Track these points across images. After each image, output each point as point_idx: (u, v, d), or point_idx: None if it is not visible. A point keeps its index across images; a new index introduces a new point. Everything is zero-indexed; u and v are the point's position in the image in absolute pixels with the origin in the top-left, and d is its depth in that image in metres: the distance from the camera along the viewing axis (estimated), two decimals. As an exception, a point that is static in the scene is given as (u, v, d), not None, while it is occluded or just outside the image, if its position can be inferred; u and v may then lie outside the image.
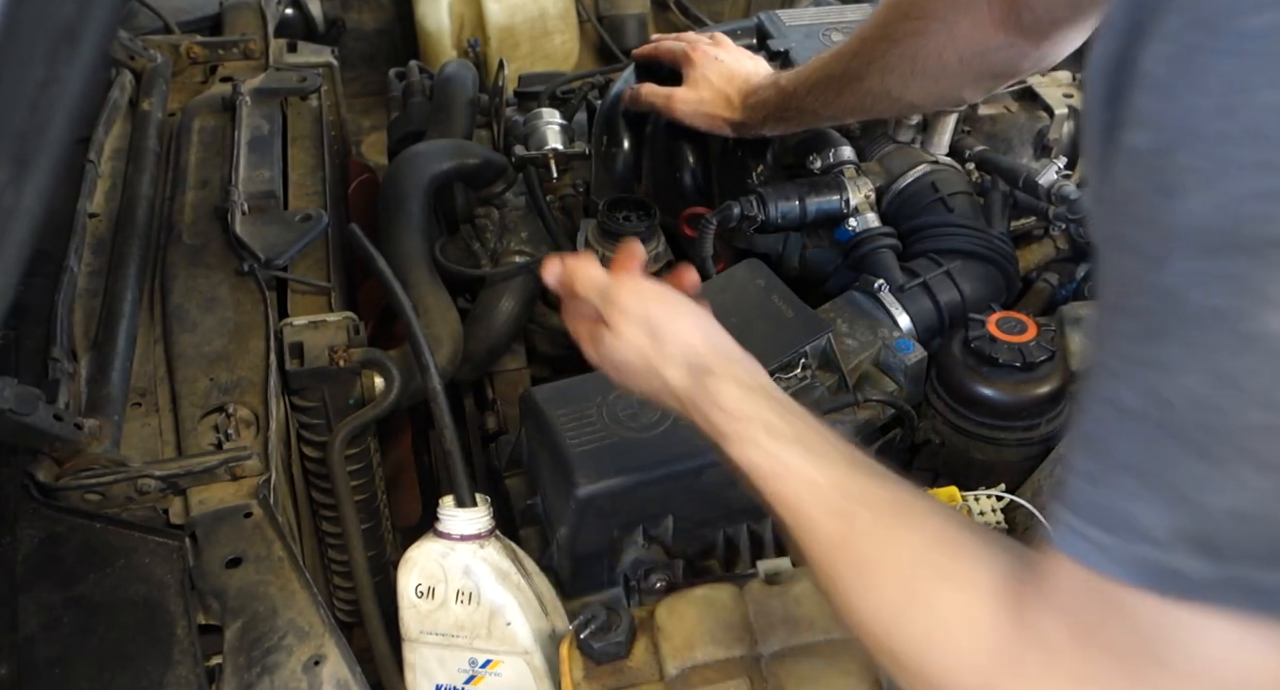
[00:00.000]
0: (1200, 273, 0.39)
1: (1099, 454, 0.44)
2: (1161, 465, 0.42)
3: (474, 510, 0.95)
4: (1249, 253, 0.38)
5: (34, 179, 0.50)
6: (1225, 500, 0.40)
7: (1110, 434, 0.44)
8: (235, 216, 1.22)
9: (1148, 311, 0.41)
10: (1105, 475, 0.44)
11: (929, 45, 1.08)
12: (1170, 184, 0.40)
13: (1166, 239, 0.40)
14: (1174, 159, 0.40)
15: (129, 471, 0.95)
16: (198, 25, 1.72)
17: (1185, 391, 0.40)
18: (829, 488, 0.65)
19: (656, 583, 0.97)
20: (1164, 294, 0.40)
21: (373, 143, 2.23)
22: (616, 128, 1.45)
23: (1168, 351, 0.40)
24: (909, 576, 0.59)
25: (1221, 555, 0.41)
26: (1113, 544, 0.44)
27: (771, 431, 0.70)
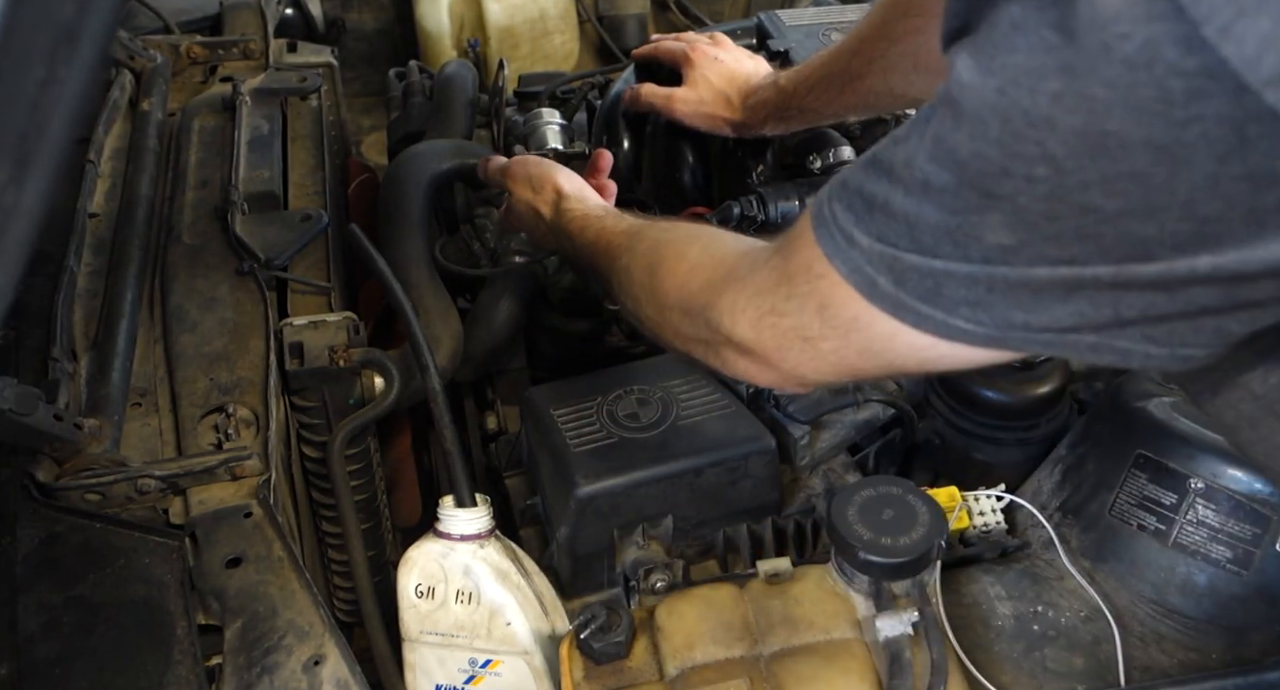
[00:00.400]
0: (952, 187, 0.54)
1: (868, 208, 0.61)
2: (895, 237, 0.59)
3: (474, 510, 0.95)
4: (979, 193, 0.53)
5: (34, 179, 0.50)
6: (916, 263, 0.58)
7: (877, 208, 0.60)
8: (235, 216, 1.22)
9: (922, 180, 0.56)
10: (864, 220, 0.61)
11: (930, 42, 1.08)
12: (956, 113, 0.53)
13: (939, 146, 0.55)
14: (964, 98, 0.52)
15: (129, 471, 0.95)
16: (198, 25, 1.72)
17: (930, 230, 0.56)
18: (628, 227, 0.97)
19: (656, 583, 0.98)
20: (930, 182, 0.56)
21: (373, 143, 2.23)
22: (616, 128, 1.45)
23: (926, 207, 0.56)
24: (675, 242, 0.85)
25: (899, 284, 0.59)
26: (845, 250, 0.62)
27: (600, 218, 1.04)
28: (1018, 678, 0.94)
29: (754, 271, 0.72)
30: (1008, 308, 0.56)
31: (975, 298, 0.57)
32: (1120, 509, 1.01)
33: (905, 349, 0.63)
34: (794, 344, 0.70)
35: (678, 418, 1.02)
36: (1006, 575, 1.02)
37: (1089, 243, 0.51)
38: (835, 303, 0.64)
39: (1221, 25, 0.42)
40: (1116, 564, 1.01)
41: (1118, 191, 0.48)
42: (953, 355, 0.62)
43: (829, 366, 0.70)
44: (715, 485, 1.01)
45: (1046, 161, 0.49)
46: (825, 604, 0.89)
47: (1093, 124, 0.47)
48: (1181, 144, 0.46)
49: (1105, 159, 0.48)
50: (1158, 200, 0.48)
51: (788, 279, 0.68)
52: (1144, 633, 0.98)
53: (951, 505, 1.05)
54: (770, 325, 0.71)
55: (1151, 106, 0.45)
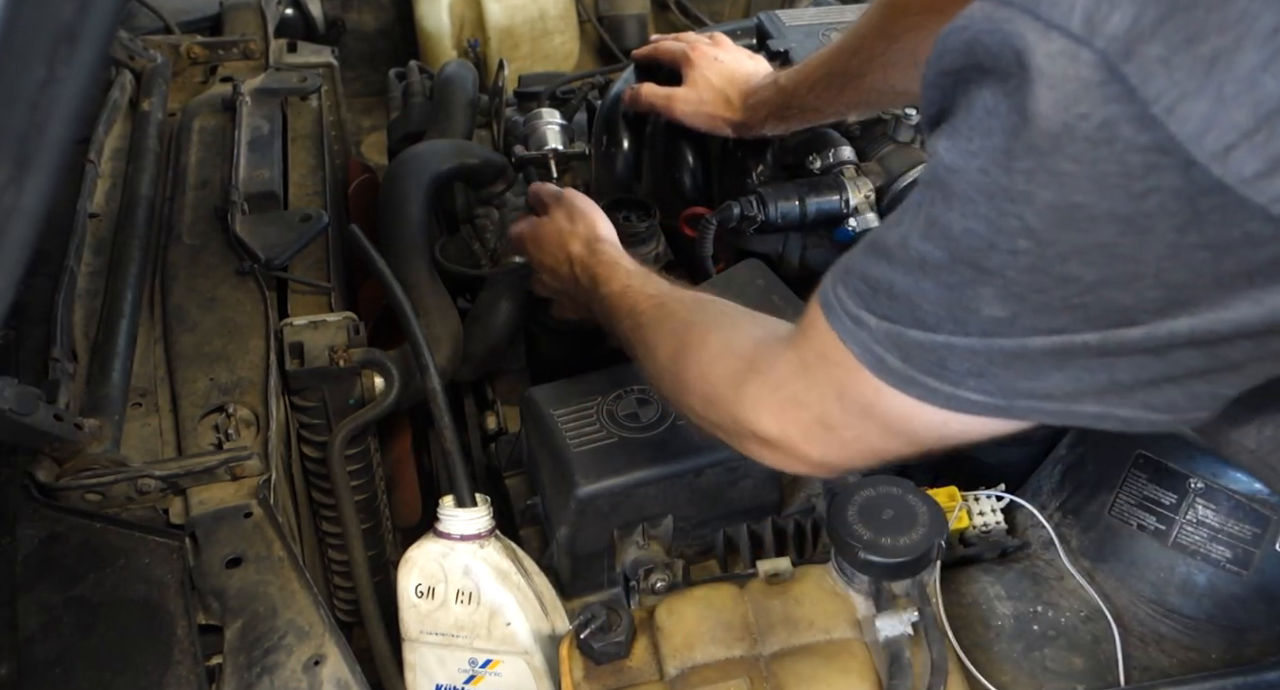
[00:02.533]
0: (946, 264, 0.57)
1: (872, 290, 0.63)
2: (899, 316, 0.61)
3: (474, 510, 0.95)
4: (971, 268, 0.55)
5: (34, 179, 0.50)
6: (920, 338, 0.60)
7: (880, 290, 0.62)
8: (235, 216, 1.22)
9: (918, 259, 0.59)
10: (868, 301, 0.63)
11: (929, 40, 1.07)
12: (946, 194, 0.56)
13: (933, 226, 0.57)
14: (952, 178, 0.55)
15: (129, 471, 0.95)
16: (198, 25, 1.72)
17: (929, 306, 0.59)
18: (655, 295, 0.96)
19: (656, 583, 0.98)
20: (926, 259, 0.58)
21: (373, 143, 2.23)
22: (616, 128, 1.45)
23: (926, 285, 0.59)
24: (697, 328, 0.85)
25: (908, 360, 0.61)
26: (854, 331, 0.64)
27: (629, 273, 1.03)
28: (1018, 678, 0.94)
29: (773, 364, 0.74)
30: (1010, 377, 0.58)
31: (978, 369, 0.59)
32: (1120, 509, 1.02)
33: (922, 425, 0.65)
34: (818, 433, 0.71)
35: (678, 418, 1.02)
36: (1006, 575, 1.02)
37: (1075, 312, 0.54)
38: (851, 386, 0.66)
39: (1168, 105, 0.46)
40: (1116, 564, 1.01)
41: (1092, 262, 0.51)
42: (968, 428, 0.64)
43: (855, 452, 0.72)
44: (715, 485, 1.01)
45: (1027, 235, 0.52)
46: (825, 604, 0.89)
47: (1063, 197, 0.50)
48: (1143, 214, 0.49)
49: (1077, 231, 0.51)
50: (1130, 269, 0.51)
51: (805, 369, 0.70)
52: (1144, 633, 0.98)
53: (951, 505, 1.05)
54: (793, 417, 0.72)
55: (1114, 180, 0.48)
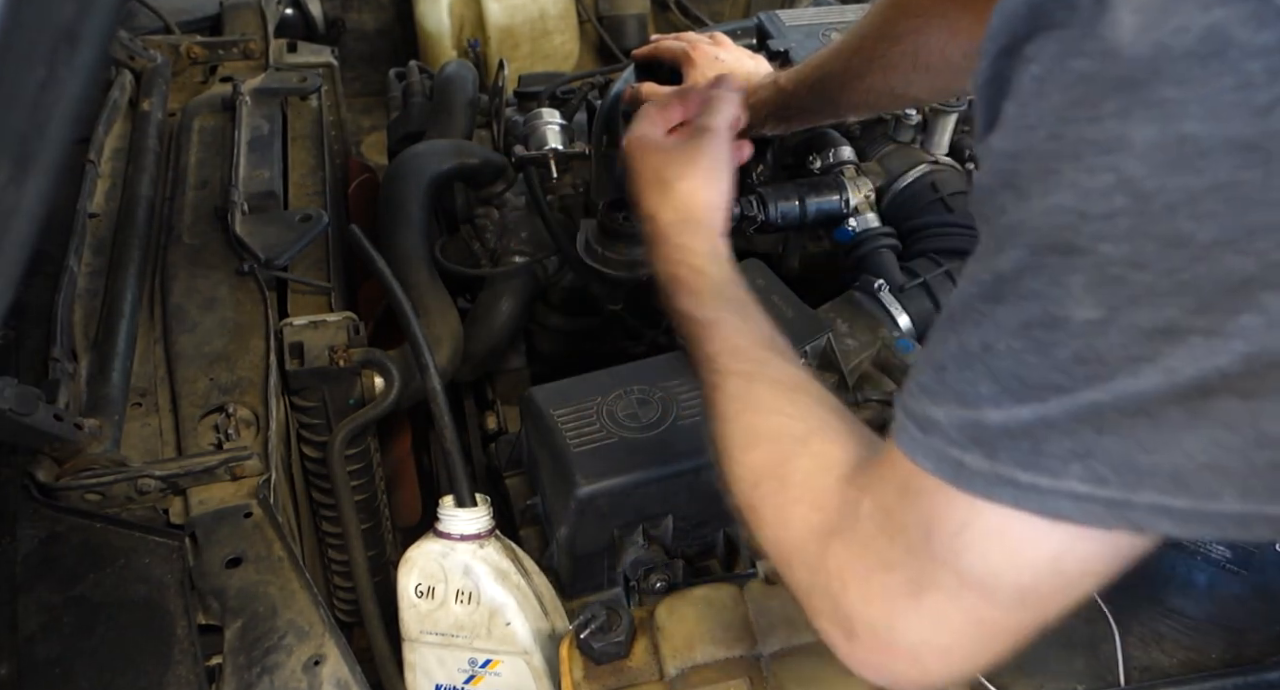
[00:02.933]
0: (1027, 263, 0.48)
1: (940, 378, 0.54)
2: (979, 399, 0.51)
3: (474, 510, 0.95)
4: (1059, 254, 0.47)
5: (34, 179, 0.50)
6: (1003, 419, 0.51)
7: (952, 365, 0.53)
8: (235, 216, 1.22)
9: (989, 282, 0.51)
10: (938, 394, 0.54)
11: (931, 42, 1.08)
12: (1015, 185, 0.49)
13: (1011, 228, 0.49)
14: (1018, 164, 0.48)
15: (129, 471, 0.95)
16: (198, 25, 1.72)
17: (1008, 346, 0.50)
18: (745, 354, 0.78)
19: (656, 583, 0.98)
20: (1002, 272, 0.50)
21: (373, 143, 2.24)
22: (616, 128, 1.45)
23: (1002, 315, 0.50)
24: (781, 446, 0.70)
25: (993, 456, 0.51)
26: (921, 438, 0.55)
27: (719, 294, 0.84)
28: (1017, 678, 0.94)
29: (856, 518, 0.61)
30: (1126, 448, 0.48)
31: (1085, 445, 0.48)
32: (1120, 509, 1.01)
33: (1033, 564, 0.52)
34: (908, 608, 0.57)
35: (678, 418, 1.02)
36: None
37: (1184, 294, 0.45)
38: (938, 518, 0.54)
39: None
40: (1116, 564, 1.01)
41: (1206, 212, 0.43)
42: (1089, 555, 0.52)
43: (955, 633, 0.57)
44: (715, 485, 1.01)
45: (1125, 189, 0.44)
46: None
47: (1168, 131, 0.43)
48: (1267, 135, 0.41)
49: (1187, 171, 0.43)
50: (1252, 219, 0.42)
51: (888, 516, 0.58)
52: (1144, 633, 0.98)
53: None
54: (881, 586, 0.58)
55: (1229, 97, 0.41)
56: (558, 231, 1.37)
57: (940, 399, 0.54)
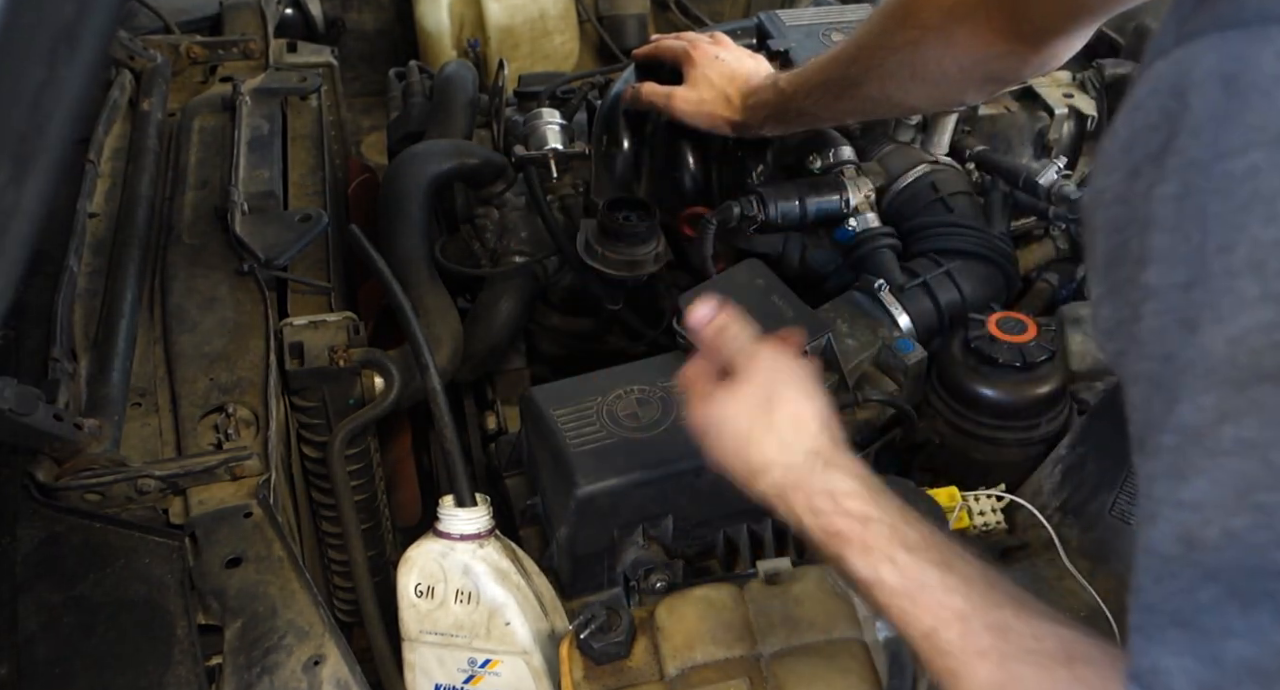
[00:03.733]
0: (1227, 406, 0.39)
1: (1142, 604, 0.44)
2: (1199, 612, 0.41)
3: (474, 510, 0.95)
4: (1274, 382, 0.38)
5: (34, 179, 0.50)
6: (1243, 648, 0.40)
7: (1149, 580, 0.43)
8: (235, 216, 1.22)
9: (1171, 449, 0.41)
10: (1148, 625, 0.44)
11: (927, 53, 1.08)
12: (1189, 319, 0.40)
13: (1187, 373, 0.40)
14: (1188, 295, 0.40)
15: (129, 471, 0.95)
16: (198, 25, 1.72)
17: (1225, 532, 0.39)
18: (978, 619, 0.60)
19: (656, 583, 0.97)
20: (1189, 430, 0.40)
21: (373, 143, 2.23)
22: (616, 128, 1.45)
23: (1198, 489, 0.40)
24: None
25: None
26: None
27: (905, 542, 0.65)
28: (1018, 678, 0.94)
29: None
30: None
31: None
32: (1120, 509, 1.02)
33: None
34: None
35: (678, 418, 1.02)
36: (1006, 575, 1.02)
37: None
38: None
39: None
40: (1117, 564, 1.01)
41: None
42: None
43: None
44: (715, 485, 1.01)
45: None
46: (825, 604, 0.89)
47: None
48: None
49: None
50: None
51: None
52: (1144, 633, 0.98)
53: (951, 505, 1.05)
54: None
55: None
56: (558, 231, 1.37)
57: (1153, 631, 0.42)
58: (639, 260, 1.28)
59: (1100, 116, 1.41)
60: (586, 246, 1.30)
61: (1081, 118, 1.42)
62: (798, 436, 0.73)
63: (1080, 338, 1.20)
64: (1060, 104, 1.41)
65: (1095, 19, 1.01)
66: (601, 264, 1.28)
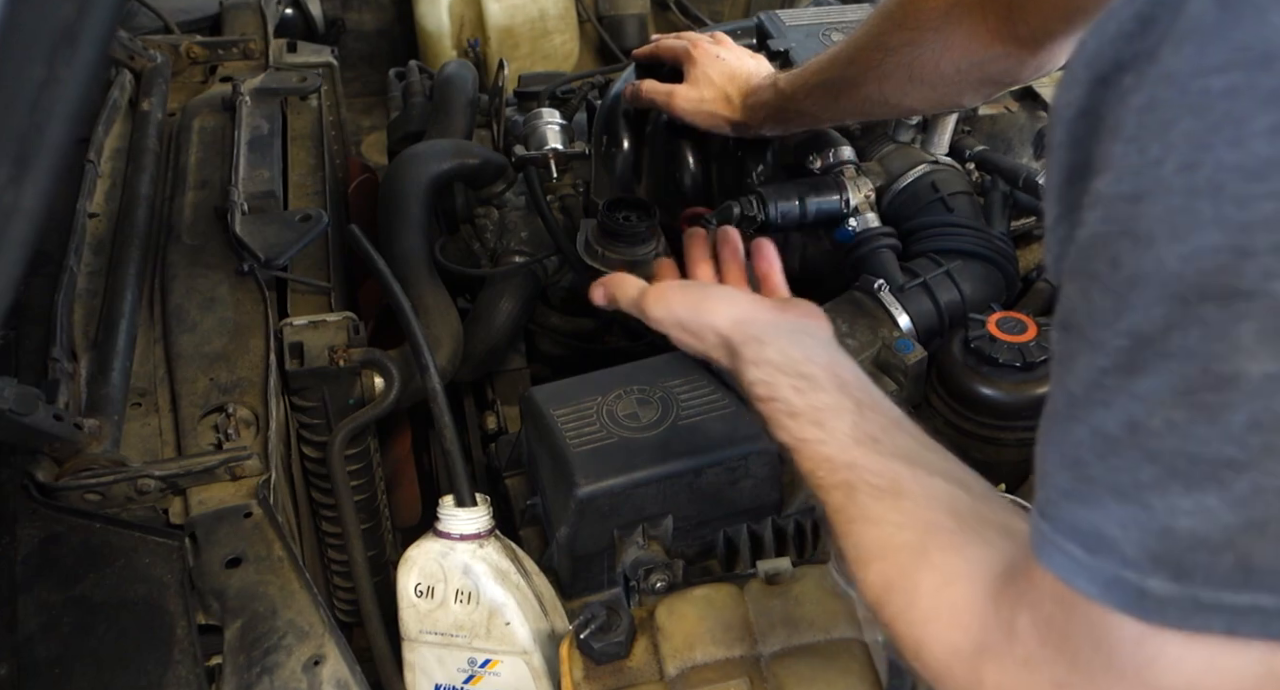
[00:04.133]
0: (1175, 318, 0.41)
1: (1081, 474, 0.46)
2: (1140, 488, 0.44)
3: (474, 510, 0.95)
4: (1216, 302, 0.40)
5: (34, 179, 0.50)
6: (1193, 523, 0.43)
7: (1092, 456, 0.46)
8: (235, 216, 1.22)
9: (1123, 348, 0.43)
10: (1086, 494, 0.46)
11: (924, 55, 1.08)
12: (1140, 231, 0.42)
13: (1137, 282, 0.42)
14: (1142, 207, 0.42)
15: (129, 471, 0.95)
16: (198, 25, 1.72)
17: (1168, 422, 0.42)
18: (835, 461, 0.72)
19: (656, 583, 0.97)
20: (1138, 333, 0.43)
21: (373, 143, 2.24)
22: (616, 128, 1.45)
23: (1148, 385, 0.43)
24: (899, 559, 0.64)
25: (1186, 576, 0.43)
26: (1087, 560, 0.46)
27: (791, 412, 0.78)
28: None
29: (1008, 637, 0.54)
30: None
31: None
32: (1120, 509, 1.01)
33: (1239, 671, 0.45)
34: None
35: (678, 418, 1.02)
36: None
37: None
38: (1112, 636, 0.47)
39: None
40: (1116, 564, 1.01)
41: None
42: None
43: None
44: (715, 485, 1.01)
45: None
46: (825, 604, 0.89)
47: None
48: None
49: None
50: None
51: (1050, 631, 0.51)
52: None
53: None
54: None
55: None
56: (558, 231, 1.37)
57: (1092, 499, 0.45)
58: (639, 260, 1.28)
59: (1100, 116, 1.41)
60: (586, 246, 1.30)
61: (1081, 118, 1.42)
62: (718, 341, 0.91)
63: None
64: (1060, 104, 1.40)
65: (1092, 21, 1.01)
66: (601, 264, 1.28)
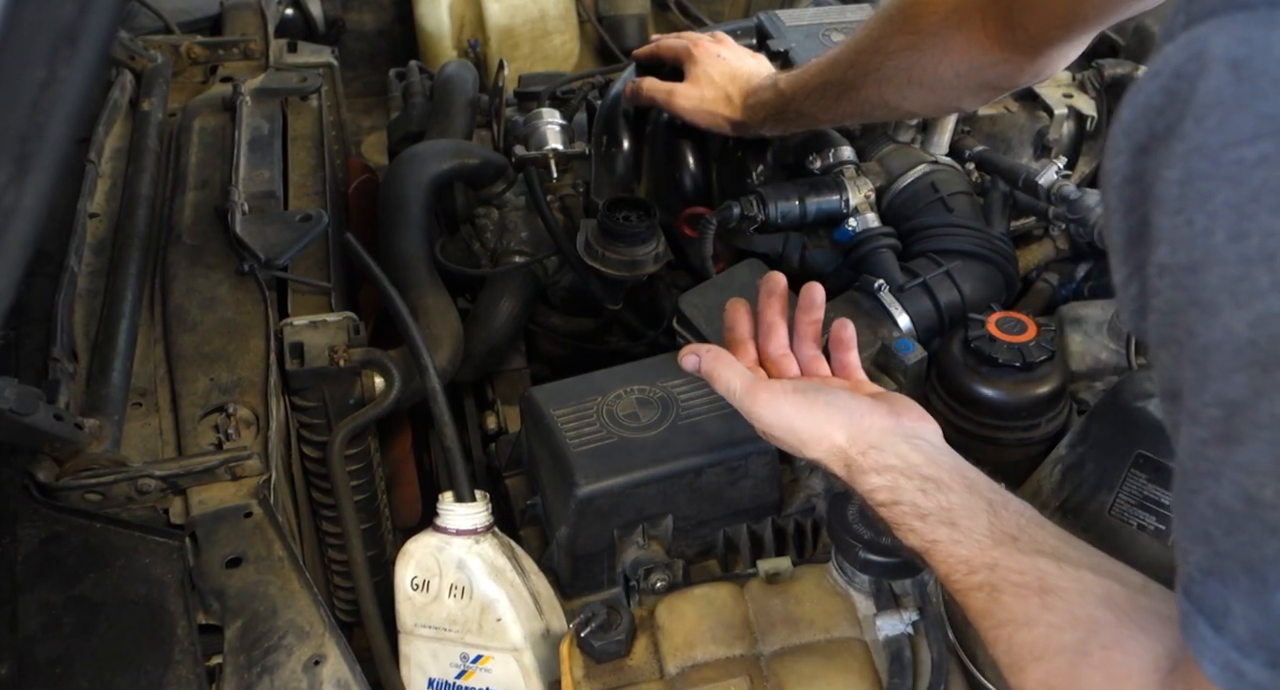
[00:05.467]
0: (1259, 384, 0.42)
1: (1213, 550, 0.47)
2: (1266, 562, 0.44)
3: (471, 505, 0.95)
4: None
5: (34, 179, 0.50)
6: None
7: (1218, 532, 0.46)
8: (235, 216, 1.22)
9: (1217, 418, 0.44)
10: (1221, 569, 0.47)
11: (924, 59, 1.08)
12: (1205, 300, 0.43)
13: (1211, 351, 0.43)
14: (1202, 278, 0.43)
15: (129, 471, 0.95)
16: (198, 25, 1.72)
17: (1275, 491, 0.43)
18: (974, 563, 0.69)
19: (656, 582, 0.98)
20: (1230, 403, 0.43)
21: (373, 143, 2.24)
22: (616, 128, 1.45)
23: (1249, 455, 0.43)
24: (1059, 662, 0.62)
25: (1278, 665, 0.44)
26: (1213, 640, 0.47)
27: (920, 514, 0.74)
28: (1017, 677, 0.94)
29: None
30: None
31: None
32: (1120, 509, 1.01)
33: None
34: None
35: (678, 418, 1.02)
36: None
37: None
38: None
39: None
40: (1116, 564, 1.01)
41: None
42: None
43: None
44: (715, 485, 1.01)
45: None
46: (825, 603, 0.89)
47: None
48: None
49: None
50: None
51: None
52: (1144, 632, 0.98)
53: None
54: None
55: None
56: (558, 231, 1.38)
57: (1227, 576, 0.46)
58: (639, 260, 1.28)
59: (1100, 117, 1.41)
60: (586, 246, 1.30)
61: (1081, 118, 1.42)
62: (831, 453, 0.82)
63: (1080, 338, 1.20)
64: (1060, 104, 1.41)
65: (1091, 29, 1.01)
66: (601, 264, 1.28)
